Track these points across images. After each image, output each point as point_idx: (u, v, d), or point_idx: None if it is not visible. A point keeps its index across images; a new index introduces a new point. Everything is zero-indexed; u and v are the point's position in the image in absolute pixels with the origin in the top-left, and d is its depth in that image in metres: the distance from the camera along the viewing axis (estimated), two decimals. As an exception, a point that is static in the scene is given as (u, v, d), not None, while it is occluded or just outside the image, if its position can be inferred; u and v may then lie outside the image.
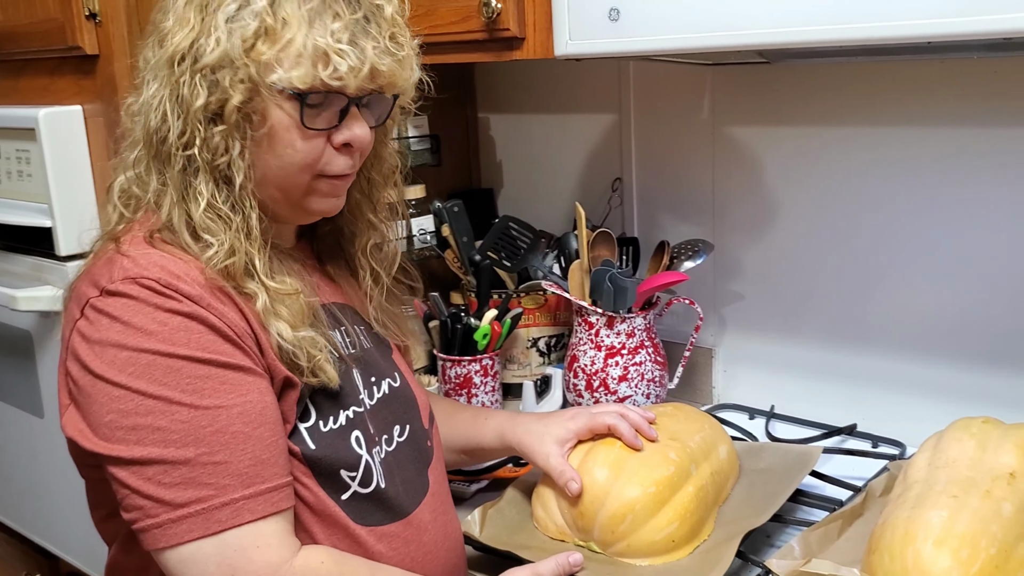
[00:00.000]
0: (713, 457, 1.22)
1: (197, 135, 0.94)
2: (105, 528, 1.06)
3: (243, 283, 0.97)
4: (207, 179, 0.96)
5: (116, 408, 0.90)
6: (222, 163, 0.95)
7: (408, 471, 1.09)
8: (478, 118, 2.00)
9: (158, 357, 0.90)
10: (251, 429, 0.92)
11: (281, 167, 0.98)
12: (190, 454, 0.89)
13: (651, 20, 1.15)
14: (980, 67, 1.34)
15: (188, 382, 0.90)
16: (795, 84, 1.52)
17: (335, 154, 1.01)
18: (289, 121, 0.96)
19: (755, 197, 1.61)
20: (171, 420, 0.90)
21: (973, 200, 1.39)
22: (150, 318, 0.91)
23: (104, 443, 0.91)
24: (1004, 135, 1.35)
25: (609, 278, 1.52)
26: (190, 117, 0.94)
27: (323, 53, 0.93)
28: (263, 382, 0.95)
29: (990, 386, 1.42)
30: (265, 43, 0.93)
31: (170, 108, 0.95)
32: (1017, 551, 0.92)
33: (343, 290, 1.15)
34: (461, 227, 1.72)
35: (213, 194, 0.96)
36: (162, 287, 0.92)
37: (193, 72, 0.94)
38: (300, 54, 0.93)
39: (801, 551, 1.04)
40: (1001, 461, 1.03)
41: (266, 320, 0.96)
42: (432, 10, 1.41)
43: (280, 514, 0.93)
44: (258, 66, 0.93)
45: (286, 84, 0.94)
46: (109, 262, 0.95)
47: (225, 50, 0.92)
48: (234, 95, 0.93)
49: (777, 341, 1.65)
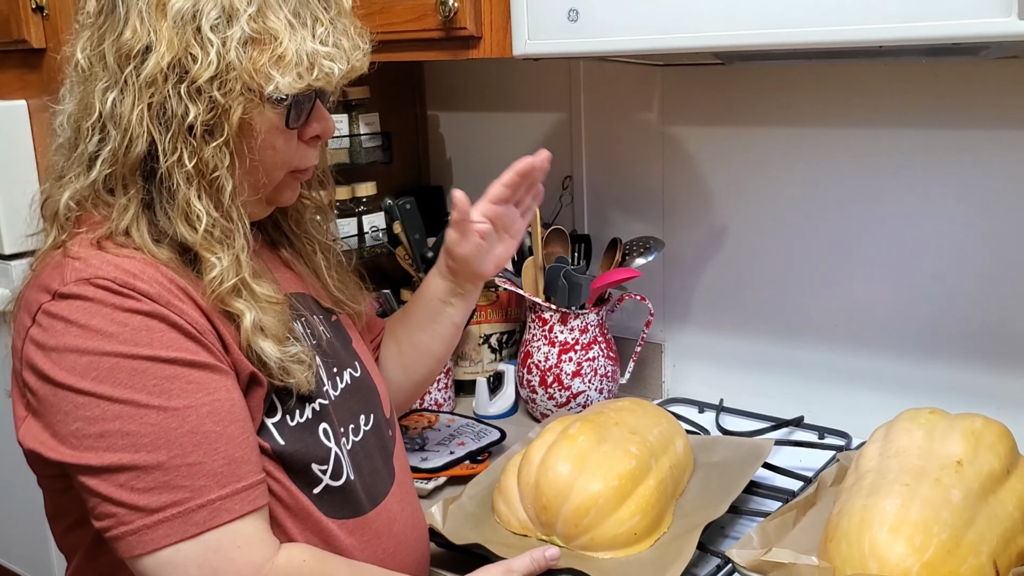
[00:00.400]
0: (671, 451, 1.25)
1: (186, 151, 0.92)
2: (67, 540, 1.03)
3: (231, 303, 0.95)
4: (198, 193, 0.93)
5: (81, 416, 0.88)
6: (216, 177, 0.93)
7: (375, 461, 1.09)
8: (427, 116, 2.00)
9: (121, 359, 0.88)
10: (222, 428, 0.91)
11: (261, 169, 0.98)
12: (162, 457, 0.88)
13: (611, 21, 1.16)
14: (923, 71, 1.39)
15: (155, 383, 0.89)
16: (744, 85, 1.56)
17: (306, 148, 1.01)
18: (271, 124, 0.96)
19: (704, 195, 1.64)
20: (140, 424, 0.88)
21: (914, 198, 1.44)
22: (109, 319, 0.88)
23: (72, 452, 0.88)
24: (943, 136, 1.39)
25: (564, 275, 1.54)
26: (179, 133, 0.92)
27: (313, 58, 0.93)
28: (230, 379, 0.94)
29: (931, 377, 1.47)
30: (257, 53, 0.92)
31: (153, 124, 0.92)
32: (967, 536, 0.96)
33: (300, 277, 1.15)
34: (413, 224, 1.72)
35: (209, 210, 0.94)
36: (119, 287, 0.89)
37: (181, 87, 0.91)
38: (291, 61, 0.92)
39: (759, 541, 1.07)
40: (948, 450, 1.07)
41: (252, 338, 0.95)
42: (387, 8, 1.40)
43: (257, 512, 0.92)
44: (255, 76, 0.92)
45: (279, 92, 0.93)
46: (59, 266, 0.92)
47: (220, 63, 0.91)
48: (234, 108, 0.92)
49: (725, 336, 1.68)
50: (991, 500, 1.02)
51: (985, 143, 1.37)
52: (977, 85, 1.35)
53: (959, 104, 1.37)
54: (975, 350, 1.43)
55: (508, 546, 1.14)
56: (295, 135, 0.99)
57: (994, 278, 1.40)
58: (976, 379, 1.43)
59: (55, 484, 0.98)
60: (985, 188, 1.38)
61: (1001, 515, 1.01)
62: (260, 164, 0.97)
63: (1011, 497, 1.04)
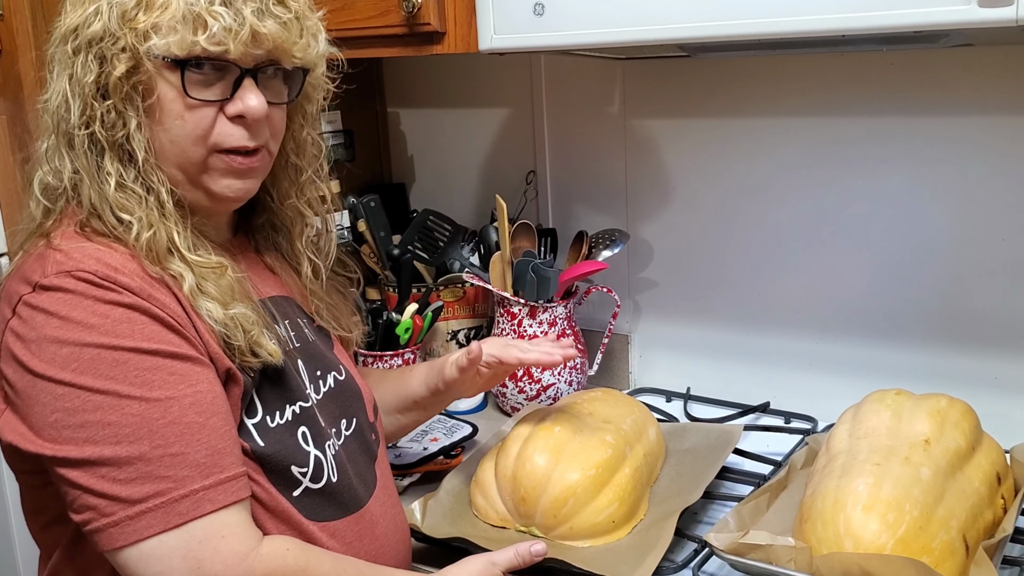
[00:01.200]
0: (644, 439, 1.26)
1: (94, 112, 0.94)
2: (45, 536, 1.02)
3: (167, 263, 0.95)
4: (112, 157, 0.95)
5: (61, 407, 0.87)
6: (120, 137, 0.95)
7: (358, 464, 1.09)
8: (387, 113, 2.00)
9: (102, 351, 0.88)
10: (204, 419, 0.91)
11: (172, 140, 0.97)
12: (144, 448, 0.87)
13: (577, 14, 1.17)
14: (880, 59, 1.42)
15: (136, 374, 0.88)
16: (704, 77, 1.58)
17: (227, 125, 0.98)
18: (174, 92, 0.95)
19: (667, 187, 1.66)
20: (122, 415, 0.87)
21: (873, 185, 1.47)
22: (90, 311, 0.88)
23: (51, 444, 0.88)
24: (900, 123, 1.43)
25: (532, 268, 1.55)
26: (86, 95, 0.94)
27: (197, 16, 0.93)
28: (210, 372, 0.94)
29: (893, 360, 1.50)
30: (143, 12, 0.93)
31: (69, 90, 0.95)
32: (937, 512, 0.99)
33: (283, 282, 1.14)
34: (378, 222, 1.71)
35: (120, 172, 0.95)
36: (100, 279, 0.89)
37: (80, 49, 0.94)
38: (175, 19, 0.93)
39: (736, 524, 1.09)
40: (916, 429, 1.09)
41: (195, 301, 0.95)
42: (350, 4, 1.40)
43: (240, 503, 0.92)
44: (136, 34, 0.93)
45: (164, 51, 0.93)
46: (40, 258, 0.93)
47: (105, 22, 0.93)
48: (117, 66, 0.93)
49: (690, 325, 1.70)
50: (958, 476, 1.05)
51: (941, 129, 1.40)
52: (933, 73, 1.38)
53: (915, 92, 1.40)
54: (935, 332, 1.46)
55: (488, 539, 1.15)
56: (212, 108, 0.97)
57: (952, 261, 1.43)
58: (937, 360, 1.46)
59: (33, 480, 0.97)
60: (941, 173, 1.41)
61: (968, 491, 1.04)
62: (170, 135, 0.97)
63: (977, 473, 1.08)
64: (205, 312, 0.95)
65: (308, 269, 1.15)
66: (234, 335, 0.96)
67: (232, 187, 1.01)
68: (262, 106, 0.98)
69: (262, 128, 1.01)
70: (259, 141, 1.01)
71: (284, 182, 1.12)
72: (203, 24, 0.93)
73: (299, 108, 1.09)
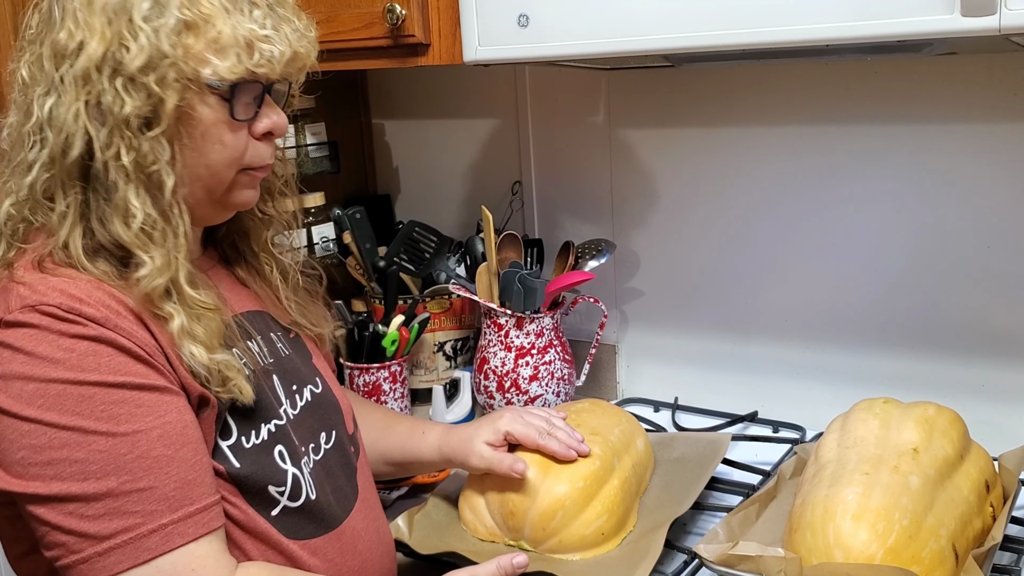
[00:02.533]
0: (633, 449, 1.26)
1: (123, 145, 0.90)
2: (23, 566, 1.00)
3: (161, 305, 0.93)
4: (136, 190, 0.92)
5: (28, 444, 0.86)
6: (155, 171, 0.92)
7: (338, 479, 1.08)
8: (372, 124, 2.00)
9: (68, 386, 0.86)
10: (173, 451, 0.89)
11: (208, 165, 0.96)
12: (112, 484, 0.86)
13: (562, 26, 1.17)
14: (863, 68, 1.42)
15: (102, 409, 0.87)
16: (688, 87, 1.58)
17: (257, 144, 0.99)
18: (215, 116, 0.94)
19: (652, 196, 1.66)
20: (88, 451, 0.86)
21: (858, 193, 1.47)
22: (55, 346, 0.87)
23: (18, 481, 0.87)
24: (884, 132, 1.43)
25: (519, 279, 1.54)
26: (116, 127, 0.90)
27: (250, 42, 0.92)
28: (180, 400, 0.92)
29: (880, 368, 1.50)
30: (191, 38, 0.91)
31: (90, 121, 0.90)
32: (926, 521, 0.99)
33: (255, 295, 1.13)
34: (363, 233, 1.71)
35: (145, 206, 0.92)
36: (64, 312, 0.88)
37: (115, 79, 0.90)
38: (228, 45, 0.91)
39: (725, 535, 1.08)
40: (904, 438, 1.09)
41: (180, 342, 0.93)
42: (334, 16, 1.40)
43: (212, 533, 0.91)
44: (189, 62, 0.91)
45: (214, 78, 0.92)
46: (3, 291, 0.91)
47: (151, 51, 0.89)
48: (169, 96, 0.90)
49: (677, 335, 1.70)
50: (947, 485, 1.05)
51: (924, 138, 1.40)
52: (917, 82, 1.39)
53: (899, 100, 1.41)
54: (922, 340, 1.47)
55: (476, 553, 1.14)
56: (245, 130, 0.97)
57: (937, 269, 1.44)
58: (925, 368, 1.47)
59: (7, 512, 0.95)
60: (926, 181, 1.42)
61: (957, 499, 1.04)
62: (207, 160, 0.96)
63: (966, 481, 1.07)
64: (187, 353, 0.93)
65: (276, 271, 1.14)
66: (213, 380, 0.94)
67: (251, 197, 1.03)
68: (286, 120, 1.01)
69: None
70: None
71: None
72: (252, 49, 0.92)
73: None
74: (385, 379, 1.62)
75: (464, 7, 1.24)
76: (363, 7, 1.38)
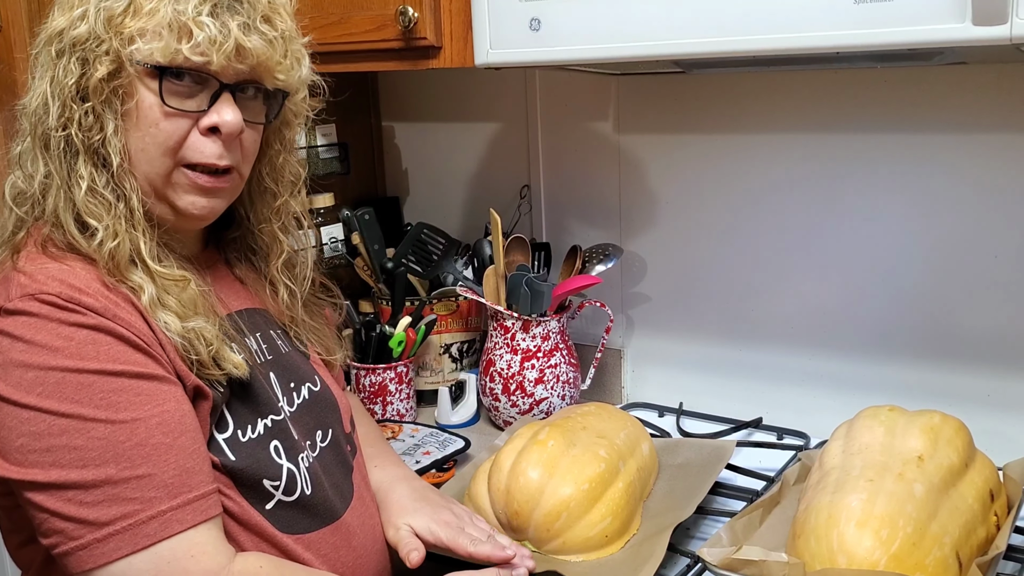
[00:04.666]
0: (638, 453, 1.26)
1: (72, 115, 0.94)
2: (22, 555, 1.01)
3: (128, 273, 0.95)
4: (86, 161, 0.95)
5: (27, 431, 0.87)
6: (96, 141, 0.94)
7: (334, 475, 1.09)
8: (382, 126, 2.00)
9: (67, 374, 0.87)
10: (172, 439, 0.90)
11: (143, 148, 0.96)
12: (111, 471, 0.87)
13: (573, 30, 1.18)
14: (873, 76, 1.42)
15: (101, 396, 0.88)
16: (697, 93, 1.58)
17: (201, 140, 0.98)
18: (152, 99, 0.95)
19: (660, 202, 1.66)
20: (87, 438, 0.87)
21: (866, 201, 1.47)
22: (54, 334, 0.88)
23: (17, 468, 0.88)
24: (893, 140, 1.43)
25: (526, 282, 1.55)
26: (65, 97, 0.94)
27: (183, 24, 0.93)
28: (178, 390, 0.93)
29: (885, 376, 1.50)
30: (129, 17, 0.93)
31: (49, 92, 0.95)
32: (930, 529, 0.99)
33: (255, 293, 1.14)
34: (372, 235, 1.71)
35: (93, 176, 0.95)
36: (64, 301, 0.89)
37: (63, 51, 0.94)
38: (161, 26, 0.93)
39: (729, 539, 1.08)
40: (909, 445, 1.09)
41: (153, 312, 0.94)
42: (346, 18, 1.40)
43: (210, 521, 0.92)
44: (120, 38, 0.93)
45: (147, 57, 0.93)
46: (5, 280, 0.93)
47: (91, 25, 0.93)
48: (99, 68, 0.93)
49: (683, 340, 1.70)
50: (952, 493, 1.05)
51: (932, 146, 1.41)
52: (926, 90, 1.39)
53: (908, 109, 1.41)
54: (928, 349, 1.47)
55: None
56: (188, 119, 0.97)
57: (943, 278, 1.44)
58: (930, 377, 1.47)
59: (5, 502, 0.97)
60: (935, 191, 1.42)
61: (962, 507, 1.04)
62: (143, 144, 0.96)
63: (970, 490, 1.08)
64: (162, 324, 0.94)
65: (285, 293, 1.15)
66: (195, 348, 0.95)
67: (196, 204, 1.00)
68: (237, 121, 0.98)
69: (234, 147, 1.00)
70: (230, 161, 1.00)
71: (260, 206, 1.12)
72: (188, 33, 0.93)
73: (277, 133, 1.09)
74: (391, 380, 1.63)
75: (476, 11, 1.25)
76: (375, 9, 1.38)
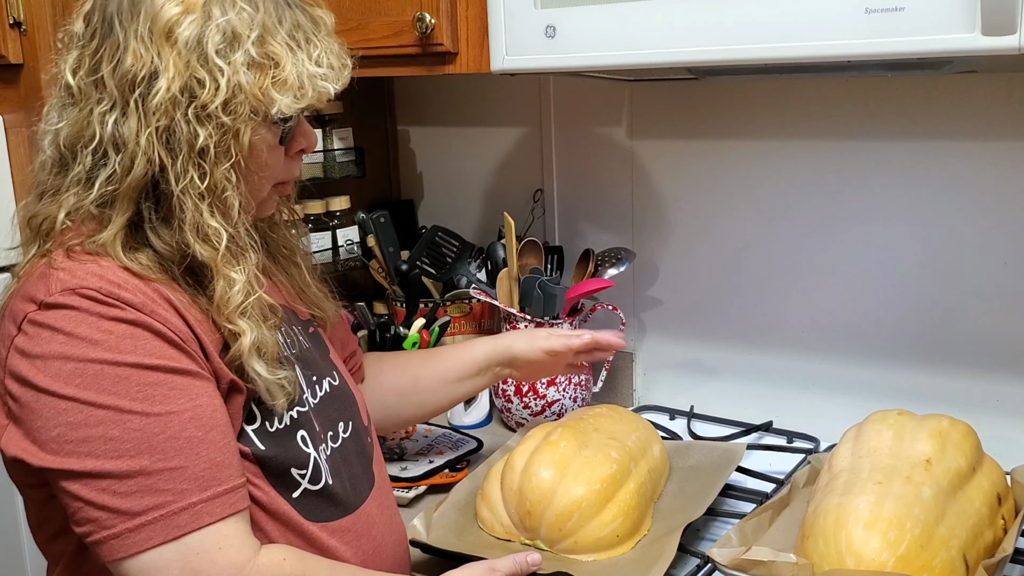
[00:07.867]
0: (649, 455, 1.28)
1: (196, 173, 0.94)
2: (50, 548, 1.03)
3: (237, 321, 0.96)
4: (211, 212, 0.95)
5: (64, 421, 0.89)
6: (227, 195, 0.96)
7: (354, 466, 1.11)
8: (398, 130, 2.02)
9: (105, 366, 0.89)
10: (204, 433, 0.92)
11: (254, 188, 1.00)
12: (144, 462, 0.89)
13: (588, 37, 1.19)
14: (884, 85, 1.44)
15: (138, 390, 0.90)
16: (710, 100, 1.60)
17: (291, 162, 1.05)
18: (267, 143, 0.99)
19: (672, 207, 1.68)
20: (123, 429, 0.89)
21: (875, 208, 1.49)
22: (94, 327, 0.90)
23: (53, 457, 0.89)
24: (904, 148, 1.45)
25: (539, 285, 1.57)
26: (190, 156, 0.93)
27: (311, 80, 0.96)
28: (211, 386, 0.96)
29: (894, 381, 1.51)
30: (260, 76, 0.95)
31: (161, 147, 0.93)
32: (937, 531, 1.00)
33: (278, 287, 1.16)
34: (387, 238, 1.73)
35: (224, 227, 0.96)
36: (103, 296, 0.91)
37: (190, 112, 0.93)
38: (292, 84, 0.95)
39: (738, 540, 1.10)
40: (917, 449, 1.10)
41: (248, 359, 0.97)
42: (364, 24, 1.43)
43: (239, 514, 0.94)
44: (260, 100, 0.95)
45: (281, 113, 0.96)
46: (43, 276, 0.94)
47: (228, 89, 0.93)
48: (243, 132, 0.94)
49: (694, 344, 1.72)
50: (959, 496, 1.06)
51: (943, 154, 1.42)
52: (936, 99, 1.40)
53: (919, 117, 1.43)
54: (937, 354, 1.48)
55: (494, 552, 1.16)
56: (283, 150, 1.02)
57: (954, 284, 1.45)
58: (939, 382, 1.48)
59: (38, 493, 0.99)
60: (945, 198, 1.43)
61: (969, 511, 1.05)
62: (252, 182, 1.00)
63: (978, 494, 1.09)
64: (252, 372, 0.97)
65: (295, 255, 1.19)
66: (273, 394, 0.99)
67: (273, 207, 1.10)
68: (316, 137, 1.07)
69: None
70: None
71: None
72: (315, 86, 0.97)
73: None
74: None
75: (492, 17, 1.27)
76: (393, 15, 1.40)
